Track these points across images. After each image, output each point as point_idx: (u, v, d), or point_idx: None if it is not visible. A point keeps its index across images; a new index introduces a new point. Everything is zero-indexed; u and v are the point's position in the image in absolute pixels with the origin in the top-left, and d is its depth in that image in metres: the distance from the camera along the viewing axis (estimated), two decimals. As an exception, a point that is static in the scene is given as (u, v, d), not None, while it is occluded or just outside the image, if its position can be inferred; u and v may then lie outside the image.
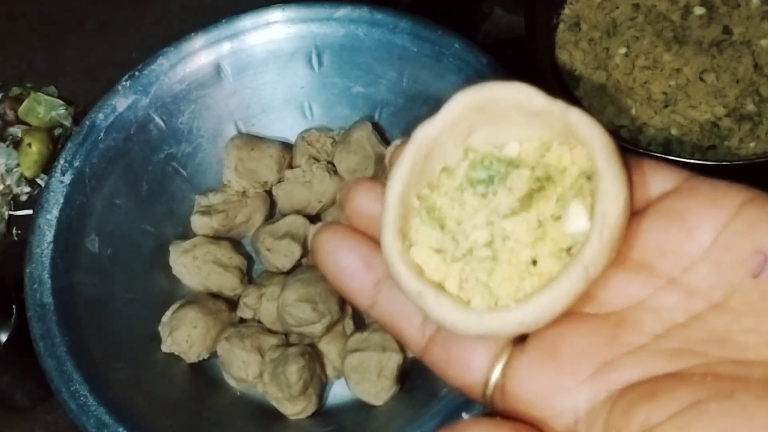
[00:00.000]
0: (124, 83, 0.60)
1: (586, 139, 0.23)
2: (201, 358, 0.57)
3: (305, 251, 0.60)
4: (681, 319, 0.22)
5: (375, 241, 0.25)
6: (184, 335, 0.56)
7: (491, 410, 0.24)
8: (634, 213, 0.23)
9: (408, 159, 0.25)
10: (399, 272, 0.23)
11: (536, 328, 0.22)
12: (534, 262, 0.23)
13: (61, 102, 0.73)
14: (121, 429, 0.48)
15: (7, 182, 0.69)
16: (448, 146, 0.25)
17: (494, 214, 0.24)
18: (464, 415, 0.46)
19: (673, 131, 0.58)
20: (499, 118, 0.25)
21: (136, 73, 0.60)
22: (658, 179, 0.23)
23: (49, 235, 0.54)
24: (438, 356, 0.24)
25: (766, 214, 0.21)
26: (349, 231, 0.25)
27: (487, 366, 0.23)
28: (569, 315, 0.22)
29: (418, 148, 0.25)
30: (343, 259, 0.25)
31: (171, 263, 0.60)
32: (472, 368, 0.23)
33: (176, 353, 0.56)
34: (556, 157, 0.24)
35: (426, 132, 0.25)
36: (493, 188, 0.24)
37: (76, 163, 0.57)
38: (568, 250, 0.23)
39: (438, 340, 0.24)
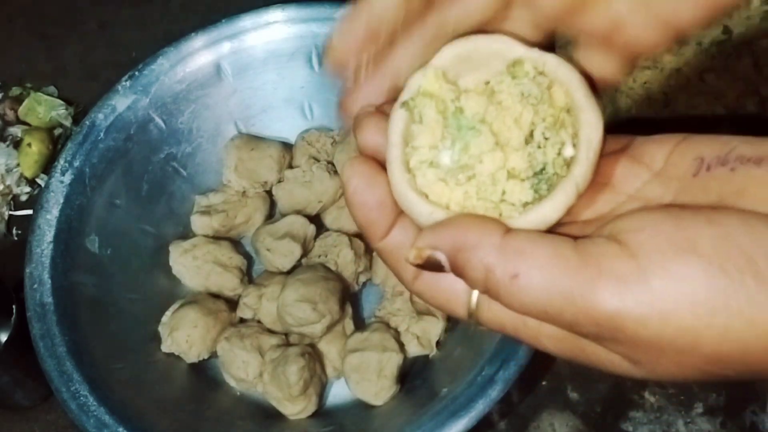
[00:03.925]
0: (124, 83, 0.60)
1: (564, 79, 0.27)
2: (201, 358, 0.57)
3: (305, 251, 0.60)
4: None
5: None
6: (184, 335, 0.56)
7: (475, 325, 0.27)
8: (609, 154, 0.27)
9: None
10: (411, 199, 0.26)
11: None
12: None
13: (61, 102, 0.73)
14: (121, 429, 0.48)
15: (7, 182, 0.69)
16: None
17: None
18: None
19: (673, 131, 0.58)
20: (481, 66, 0.28)
21: (136, 73, 0.60)
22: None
23: (49, 235, 0.54)
24: (428, 284, 0.27)
25: (704, 138, 0.26)
26: (379, 168, 0.27)
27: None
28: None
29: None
30: (374, 195, 0.27)
31: (171, 263, 0.60)
32: (457, 290, 0.26)
33: (176, 353, 0.56)
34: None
35: (419, 80, 0.28)
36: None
37: (76, 163, 0.57)
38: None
39: (426, 275, 0.27)
